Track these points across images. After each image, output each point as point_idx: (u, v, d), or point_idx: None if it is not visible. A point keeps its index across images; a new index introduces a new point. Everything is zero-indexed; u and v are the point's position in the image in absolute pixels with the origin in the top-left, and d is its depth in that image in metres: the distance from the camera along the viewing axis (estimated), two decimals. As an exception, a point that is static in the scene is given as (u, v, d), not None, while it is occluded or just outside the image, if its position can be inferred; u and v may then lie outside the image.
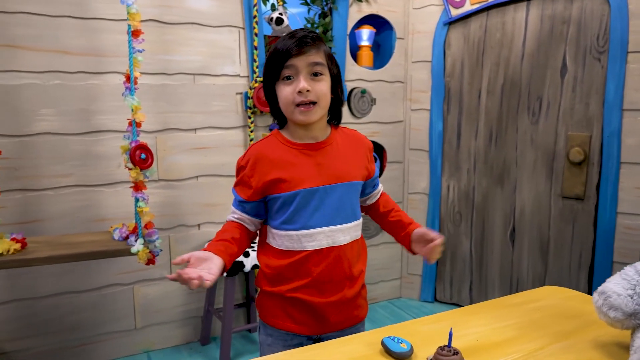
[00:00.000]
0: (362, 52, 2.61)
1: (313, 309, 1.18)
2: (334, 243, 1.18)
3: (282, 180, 1.17)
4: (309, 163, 1.19)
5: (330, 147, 1.22)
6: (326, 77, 1.17)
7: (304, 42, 1.13)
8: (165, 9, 2.07)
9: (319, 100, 1.14)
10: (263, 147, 1.23)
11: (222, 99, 2.23)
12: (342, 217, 1.20)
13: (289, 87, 1.14)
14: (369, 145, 1.33)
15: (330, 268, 1.19)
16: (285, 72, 1.14)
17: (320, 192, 1.18)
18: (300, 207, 1.18)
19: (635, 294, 0.92)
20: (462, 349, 0.92)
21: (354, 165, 1.25)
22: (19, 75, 1.85)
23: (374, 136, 2.65)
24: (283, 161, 1.19)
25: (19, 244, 1.70)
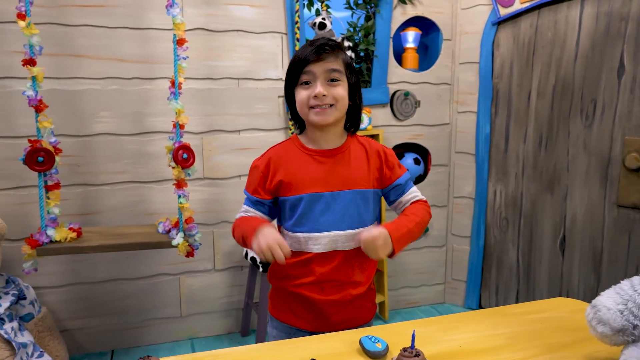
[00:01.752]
0: (407, 54, 2.60)
1: (314, 305, 1.23)
2: (338, 248, 1.22)
3: (290, 183, 1.23)
4: (320, 169, 1.24)
5: (343, 155, 1.26)
6: (343, 83, 1.22)
7: (322, 50, 1.18)
8: (212, 18, 2.21)
9: (336, 102, 1.19)
10: (279, 150, 1.29)
11: (265, 102, 2.33)
12: (348, 223, 1.23)
13: (306, 91, 1.20)
14: (383, 150, 1.34)
15: (335, 271, 1.23)
16: (303, 77, 1.20)
17: (327, 198, 1.23)
18: (306, 211, 1.23)
19: (627, 309, 0.87)
20: (441, 353, 0.93)
21: (364, 173, 1.27)
22: (82, 82, 2.06)
23: (418, 139, 2.63)
24: (294, 165, 1.24)
25: (75, 233, 1.90)
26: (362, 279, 1.29)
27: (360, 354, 0.92)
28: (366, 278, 1.31)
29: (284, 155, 1.27)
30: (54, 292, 2.14)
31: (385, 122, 2.54)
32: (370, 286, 1.34)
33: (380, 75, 2.49)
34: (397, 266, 2.69)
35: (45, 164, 1.82)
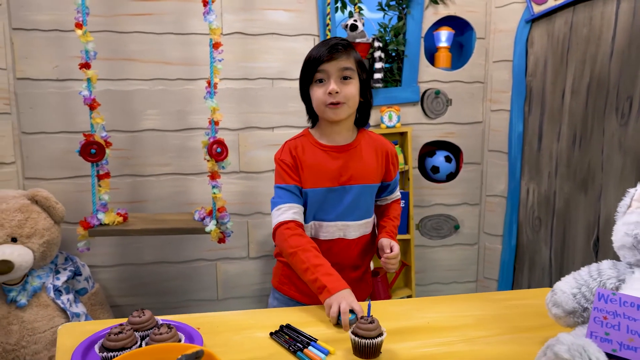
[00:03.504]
0: (440, 53, 2.63)
1: None
2: (344, 236, 1.34)
3: (307, 177, 1.33)
4: (333, 164, 1.34)
5: (354, 150, 1.37)
6: (355, 80, 1.31)
7: (335, 49, 1.28)
8: (249, 23, 2.37)
9: (347, 101, 1.28)
10: (297, 145, 1.41)
11: (297, 101, 2.42)
12: (355, 215, 1.35)
13: (321, 89, 1.30)
14: (392, 151, 1.45)
15: (338, 256, 1.35)
16: (317, 75, 1.30)
17: (339, 191, 1.34)
18: (319, 203, 1.34)
19: (580, 293, 0.92)
20: (408, 327, 1.02)
21: (373, 169, 1.38)
22: (132, 83, 2.29)
23: (449, 137, 2.66)
24: (311, 160, 1.35)
25: (122, 218, 2.13)
26: (361, 263, 1.39)
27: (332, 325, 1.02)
28: (365, 263, 1.41)
29: (301, 149, 1.38)
30: (106, 271, 2.39)
31: (415, 120, 2.59)
32: (368, 269, 1.44)
33: (411, 74, 2.55)
34: (426, 262, 2.73)
35: (97, 156, 2.05)
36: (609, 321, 0.84)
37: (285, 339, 0.98)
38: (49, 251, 2.06)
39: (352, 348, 0.94)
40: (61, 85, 2.22)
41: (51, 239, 2.06)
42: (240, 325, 1.06)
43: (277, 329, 1.02)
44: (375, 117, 2.53)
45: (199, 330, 1.00)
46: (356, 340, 0.92)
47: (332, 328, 1.01)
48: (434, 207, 2.70)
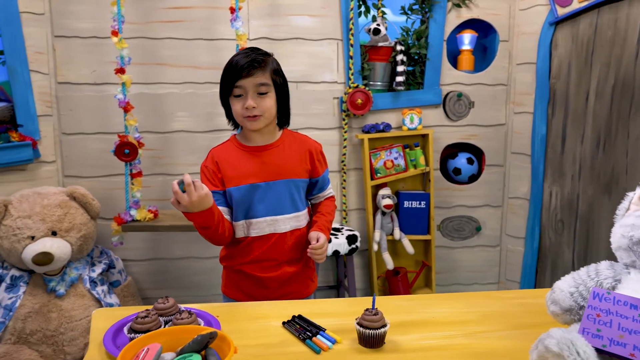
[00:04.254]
0: (463, 56, 2.66)
1: (256, 281, 1.43)
2: (275, 230, 1.42)
3: (231, 177, 1.41)
4: (256, 162, 1.42)
5: (277, 149, 1.45)
6: (271, 93, 1.39)
7: (251, 66, 1.34)
8: (275, 28, 2.45)
9: (263, 113, 1.36)
10: (220, 150, 1.49)
11: (321, 103, 2.54)
12: (283, 209, 1.43)
13: (239, 104, 1.36)
14: (316, 148, 1.53)
15: (270, 250, 1.43)
16: (235, 90, 1.36)
17: (263, 187, 1.41)
18: (246, 200, 1.41)
19: (577, 292, 0.95)
20: (412, 320, 1.08)
21: (296, 164, 1.45)
22: (164, 86, 2.41)
23: (472, 139, 2.68)
24: (234, 161, 1.44)
25: (152, 214, 2.25)
26: (297, 256, 1.47)
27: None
28: (303, 257, 1.49)
29: (225, 153, 1.46)
30: (138, 264, 2.53)
31: (437, 122, 2.62)
32: (308, 264, 1.52)
33: (433, 77, 2.58)
34: (448, 263, 2.76)
35: (130, 155, 2.18)
36: (602, 318, 0.87)
37: (296, 327, 1.05)
38: (85, 245, 2.20)
39: (357, 338, 1.00)
40: (98, 89, 2.36)
41: (88, 233, 2.19)
42: (255, 314, 1.13)
43: (290, 318, 1.10)
44: (397, 119, 2.58)
45: (218, 318, 1.08)
46: (361, 331, 0.98)
47: (340, 319, 1.07)
48: (455, 208, 2.72)
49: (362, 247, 2.65)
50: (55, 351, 2.05)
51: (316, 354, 0.96)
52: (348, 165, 2.59)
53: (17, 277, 2.10)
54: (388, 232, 2.57)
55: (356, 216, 2.65)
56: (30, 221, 2.06)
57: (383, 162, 2.53)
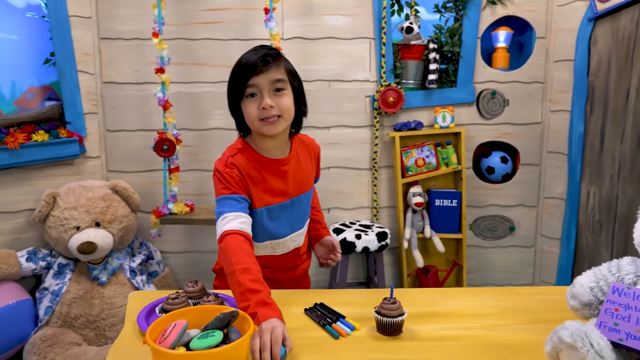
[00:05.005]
0: (498, 53, 2.63)
1: (276, 283, 1.35)
2: (297, 245, 1.38)
3: (261, 196, 1.26)
4: (282, 179, 1.29)
5: (295, 160, 1.31)
6: (288, 91, 1.23)
7: (265, 61, 1.18)
8: (308, 28, 2.50)
9: (282, 113, 1.20)
10: (241, 161, 1.27)
11: (353, 102, 2.57)
12: (302, 222, 1.38)
13: (254, 104, 1.19)
14: (318, 151, 1.45)
15: (288, 260, 1.39)
16: (248, 90, 1.19)
17: (288, 205, 1.30)
18: (274, 221, 1.29)
19: (597, 287, 0.95)
20: (432, 312, 1.10)
21: (310, 174, 1.38)
22: (200, 85, 2.51)
23: (505, 137, 2.64)
24: (262, 178, 1.26)
25: (188, 208, 2.34)
26: (307, 256, 1.49)
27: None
28: (307, 250, 1.50)
29: (250, 168, 1.26)
30: (175, 256, 2.63)
31: (470, 120, 2.61)
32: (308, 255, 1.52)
33: (466, 75, 2.56)
34: (480, 263, 2.73)
35: (168, 151, 2.28)
36: (620, 313, 0.87)
37: (317, 314, 1.09)
38: (126, 236, 2.32)
39: (375, 326, 1.03)
40: (140, 88, 2.47)
41: (128, 225, 2.31)
42: (279, 301, 1.17)
43: (312, 306, 1.14)
44: (429, 117, 2.58)
45: (244, 304, 1.13)
46: (379, 319, 1.01)
47: (360, 308, 1.10)
48: (488, 207, 2.69)
49: (393, 245, 2.66)
50: (97, 335, 2.17)
51: (335, 339, 1.00)
52: (379, 163, 2.61)
53: (64, 264, 2.24)
54: (419, 230, 2.57)
55: (387, 214, 2.67)
56: (76, 212, 2.19)
57: (414, 160, 2.53)
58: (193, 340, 0.77)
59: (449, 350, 0.95)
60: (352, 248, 2.34)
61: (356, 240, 2.34)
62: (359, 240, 2.34)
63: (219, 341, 0.76)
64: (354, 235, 2.35)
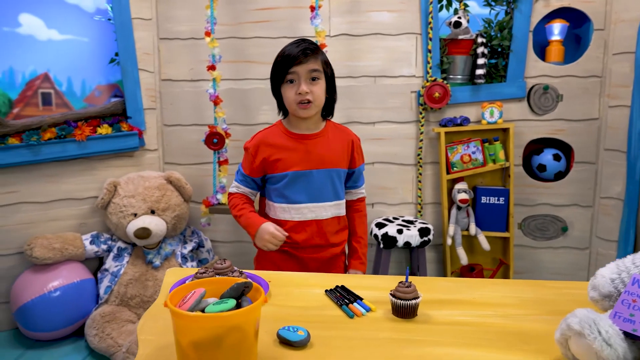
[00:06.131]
0: (552, 47, 2.54)
1: (299, 261, 1.53)
2: (317, 217, 1.50)
3: (277, 161, 1.50)
4: (301, 150, 1.50)
5: (321, 139, 1.51)
6: (322, 81, 1.47)
7: (304, 53, 1.43)
8: (355, 24, 2.54)
9: (314, 100, 1.44)
10: (266, 134, 1.57)
11: (398, 97, 2.58)
12: (325, 196, 1.50)
13: (292, 90, 1.45)
14: (356, 141, 1.60)
15: (312, 236, 1.51)
16: (288, 77, 1.46)
17: (307, 175, 1.49)
18: (290, 185, 1.50)
19: (619, 278, 0.92)
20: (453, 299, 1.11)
21: (339, 155, 1.52)
22: (250, 82, 2.61)
23: (559, 134, 2.54)
24: (280, 146, 1.52)
25: (236, 199, 2.45)
26: (337, 241, 1.56)
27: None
28: (341, 242, 1.57)
29: (271, 138, 1.54)
30: (224, 245, 2.76)
31: (520, 116, 2.53)
32: (344, 249, 1.60)
33: (517, 70, 2.50)
34: (529, 263, 2.64)
35: (218, 145, 2.40)
36: (637, 304, 0.84)
37: (336, 295, 1.13)
38: (179, 224, 2.46)
39: (391, 308, 1.05)
40: (194, 85, 2.62)
41: (181, 213, 2.46)
42: (303, 283, 1.23)
43: (332, 287, 1.18)
44: (477, 113, 2.54)
45: (269, 283, 1.20)
46: (394, 301, 1.03)
47: (379, 292, 1.13)
48: (539, 206, 2.60)
49: (437, 242, 2.64)
50: (150, 315, 2.32)
51: (350, 318, 1.04)
52: (424, 159, 2.60)
53: (123, 248, 2.42)
54: (463, 228, 2.53)
55: (431, 210, 2.65)
56: (134, 200, 2.36)
57: (460, 156, 2.50)
58: (208, 306, 0.84)
59: (460, 335, 0.96)
60: (394, 243, 2.35)
61: (398, 235, 2.35)
62: (401, 235, 2.35)
63: (231, 307, 0.82)
64: (396, 230, 2.36)
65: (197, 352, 0.80)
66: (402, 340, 0.95)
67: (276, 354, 0.89)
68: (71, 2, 2.56)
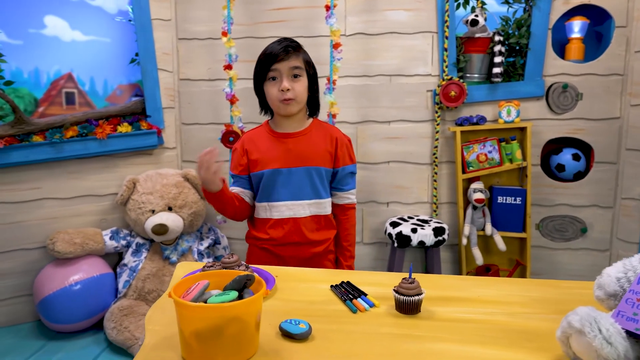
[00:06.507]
0: (572, 44, 2.49)
1: (279, 258, 1.55)
2: (294, 214, 1.51)
3: (257, 160, 1.52)
4: (281, 148, 1.51)
5: (304, 137, 1.53)
6: (303, 78, 1.50)
7: (286, 50, 1.44)
8: (371, 23, 2.55)
9: (296, 97, 1.47)
10: (251, 134, 1.62)
11: (414, 96, 2.57)
12: (303, 194, 1.51)
13: (275, 87, 1.47)
14: (341, 139, 1.58)
15: (289, 234, 1.53)
16: (270, 74, 1.47)
17: (285, 173, 1.50)
18: (268, 184, 1.52)
19: (625, 277, 0.91)
20: (456, 297, 1.11)
21: (320, 153, 1.52)
22: (267, 81, 2.64)
23: (578, 134, 2.50)
24: (261, 146, 1.55)
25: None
26: (316, 238, 1.55)
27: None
28: (324, 241, 1.57)
29: (255, 138, 1.58)
30: (240, 243, 2.79)
31: (538, 115, 2.50)
32: (329, 247, 1.59)
33: (535, 68, 2.46)
34: (547, 265, 2.60)
35: (234, 143, 2.43)
36: (641, 303, 0.83)
37: (341, 290, 1.14)
38: (195, 221, 2.51)
39: (394, 304, 1.06)
40: (212, 84, 2.66)
41: (197, 210, 2.50)
42: (309, 278, 1.25)
43: (338, 283, 1.19)
44: (494, 111, 2.51)
45: (276, 277, 1.21)
46: (397, 297, 1.04)
47: (384, 288, 1.13)
48: (557, 207, 2.56)
49: (453, 242, 2.62)
50: (166, 309, 2.37)
51: (353, 313, 1.05)
52: (440, 158, 2.59)
53: (141, 244, 2.47)
54: (479, 227, 2.51)
55: (447, 209, 2.63)
56: (152, 197, 2.41)
57: (476, 156, 2.48)
58: (211, 297, 0.86)
59: (462, 331, 0.96)
60: (408, 242, 2.34)
61: (412, 234, 2.34)
62: (415, 234, 2.34)
63: (232, 299, 0.84)
64: (410, 229, 2.35)
65: (199, 342, 0.82)
66: (403, 335, 0.95)
67: (277, 346, 0.90)
68: (94, 3, 2.63)
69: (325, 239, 1.59)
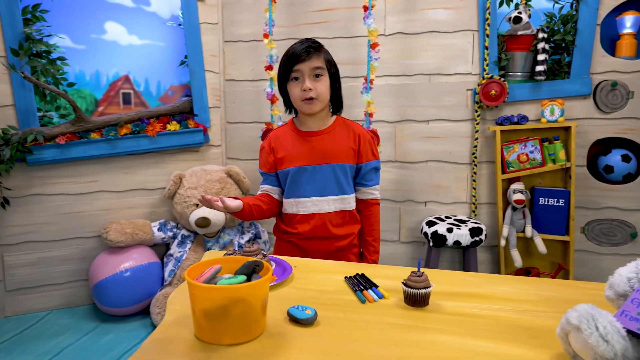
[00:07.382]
0: (623, 40, 2.38)
1: (305, 252, 1.60)
2: (320, 210, 1.55)
3: (283, 158, 1.57)
4: (306, 146, 1.56)
5: (327, 135, 1.56)
6: (325, 77, 1.53)
7: (307, 51, 1.49)
8: (410, 23, 2.55)
9: (318, 96, 1.51)
10: (277, 132, 1.68)
11: (453, 95, 2.55)
12: (328, 191, 1.55)
13: (297, 87, 1.52)
14: (364, 136, 1.60)
15: (315, 228, 1.57)
16: (293, 74, 1.52)
17: (310, 170, 1.55)
18: (294, 181, 1.57)
19: (637, 277, 0.90)
20: (467, 293, 1.12)
21: (344, 150, 1.55)
22: (307, 81, 2.71)
23: (629, 134, 2.38)
24: (287, 144, 1.61)
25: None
26: (341, 233, 1.58)
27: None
28: (348, 236, 1.60)
29: (281, 136, 1.63)
30: (280, 238, 2.88)
31: (585, 114, 2.40)
32: (352, 241, 1.61)
33: (581, 66, 2.37)
34: (592, 270, 2.50)
35: (273, 141, 2.52)
36: (646, 303, 0.81)
37: (353, 282, 1.18)
38: (237, 215, 2.61)
39: (403, 297, 1.08)
40: (255, 85, 2.77)
41: (239, 205, 2.60)
42: (326, 269, 1.29)
43: (352, 275, 1.23)
44: (537, 110, 2.45)
45: (294, 267, 1.27)
46: (405, 290, 1.06)
47: (396, 281, 1.16)
48: (605, 210, 2.45)
49: (492, 243, 2.58)
50: (207, 299, 2.50)
51: (361, 303, 1.08)
52: (479, 158, 2.55)
53: (186, 236, 2.61)
54: (519, 229, 2.45)
55: (486, 210, 2.59)
56: (196, 192, 2.54)
57: (516, 156, 2.42)
58: (221, 280, 0.93)
59: (467, 325, 0.97)
60: (443, 241, 2.33)
61: (447, 234, 2.33)
62: (451, 233, 2.33)
63: (239, 282, 0.91)
64: (446, 228, 2.34)
65: (207, 320, 0.89)
66: (407, 326, 0.98)
67: (283, 330, 0.96)
68: (150, 9, 2.80)
69: (349, 234, 1.63)
